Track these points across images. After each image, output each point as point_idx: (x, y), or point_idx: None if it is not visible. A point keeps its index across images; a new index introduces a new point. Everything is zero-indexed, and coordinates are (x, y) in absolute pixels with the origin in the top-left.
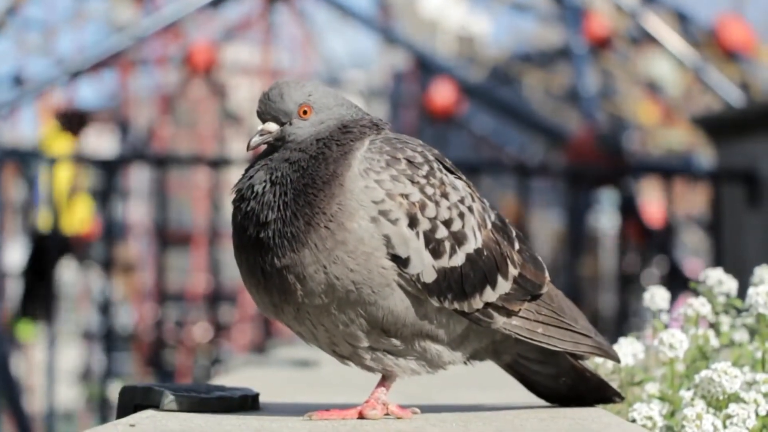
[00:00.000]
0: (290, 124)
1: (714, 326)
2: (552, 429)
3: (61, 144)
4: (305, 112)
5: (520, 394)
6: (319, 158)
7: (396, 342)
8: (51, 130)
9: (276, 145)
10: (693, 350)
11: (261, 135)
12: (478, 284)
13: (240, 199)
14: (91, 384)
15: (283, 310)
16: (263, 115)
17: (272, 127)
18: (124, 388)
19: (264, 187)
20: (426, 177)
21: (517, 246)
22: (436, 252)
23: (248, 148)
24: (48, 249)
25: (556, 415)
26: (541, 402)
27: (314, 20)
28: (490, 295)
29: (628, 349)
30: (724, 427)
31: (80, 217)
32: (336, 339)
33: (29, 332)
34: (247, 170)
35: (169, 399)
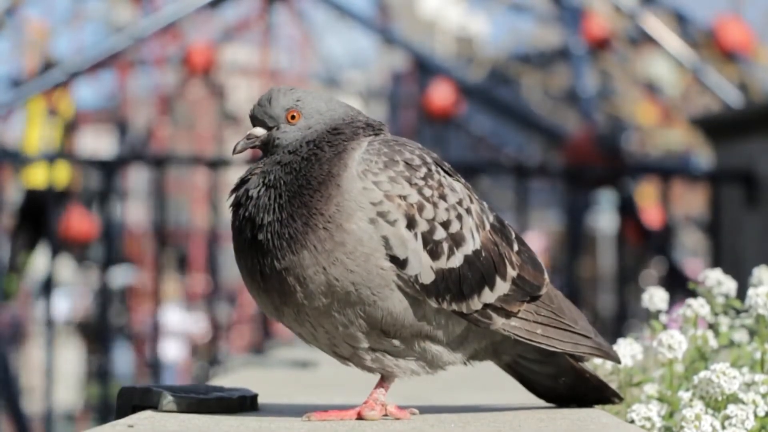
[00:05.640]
0: (277, 128)
1: (713, 327)
2: (550, 429)
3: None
4: (293, 117)
5: (519, 394)
6: (311, 159)
7: (396, 343)
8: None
9: (265, 149)
10: (692, 351)
11: (248, 139)
12: (477, 285)
13: (236, 204)
14: (90, 385)
15: (283, 312)
16: (253, 120)
17: (259, 131)
18: (122, 389)
19: (259, 191)
20: (424, 179)
21: (515, 247)
22: (434, 253)
23: (234, 151)
24: (40, 202)
25: (554, 416)
26: (540, 402)
27: (313, 21)
28: (489, 296)
29: (627, 350)
30: (723, 428)
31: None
32: (336, 340)
33: (14, 286)
34: (241, 176)
35: (167, 400)
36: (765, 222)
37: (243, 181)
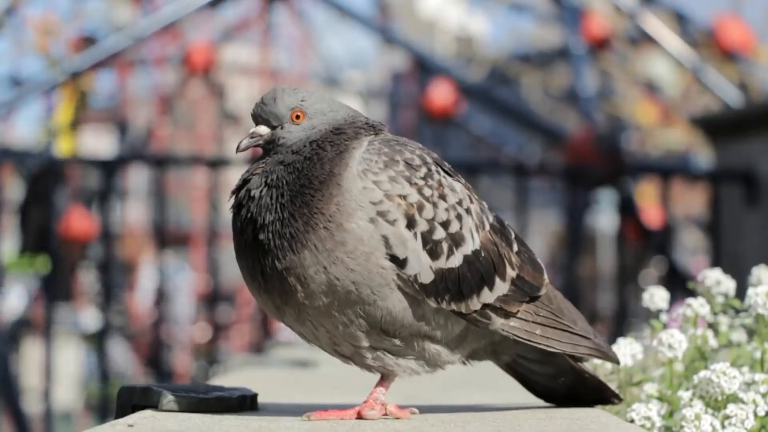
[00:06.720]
0: (281, 128)
1: (712, 326)
2: (550, 429)
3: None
4: (298, 117)
5: (519, 394)
6: (313, 159)
7: (396, 342)
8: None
9: (268, 148)
10: (692, 350)
11: (251, 138)
12: (476, 286)
13: (238, 204)
14: (90, 384)
15: (284, 312)
16: (256, 118)
17: (263, 130)
18: (122, 389)
19: (261, 191)
20: (424, 179)
21: (515, 248)
22: (433, 253)
23: (238, 149)
24: (43, 184)
25: (554, 416)
26: (540, 402)
27: (313, 20)
28: (488, 296)
29: (626, 349)
30: (723, 427)
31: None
32: (337, 339)
33: (24, 266)
34: (242, 175)
35: (167, 399)
36: (765, 222)
37: (245, 181)
